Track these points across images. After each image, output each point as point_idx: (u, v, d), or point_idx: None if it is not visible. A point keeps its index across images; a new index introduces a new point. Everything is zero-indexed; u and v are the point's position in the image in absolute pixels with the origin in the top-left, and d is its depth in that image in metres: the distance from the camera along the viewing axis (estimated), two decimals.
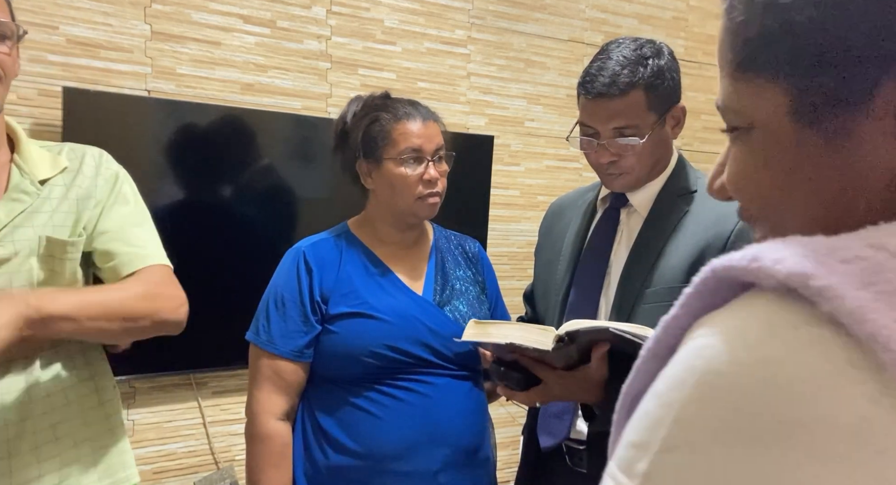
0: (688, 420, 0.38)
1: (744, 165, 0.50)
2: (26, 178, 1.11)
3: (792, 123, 0.46)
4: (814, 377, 0.36)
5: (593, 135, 1.25)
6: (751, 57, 0.47)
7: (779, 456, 0.35)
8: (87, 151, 1.22)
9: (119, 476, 1.20)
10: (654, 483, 0.39)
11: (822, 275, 0.37)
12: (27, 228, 1.08)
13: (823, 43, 0.43)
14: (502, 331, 1.15)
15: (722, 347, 0.39)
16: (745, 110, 0.48)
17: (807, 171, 0.47)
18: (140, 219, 1.22)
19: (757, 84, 0.47)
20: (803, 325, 0.37)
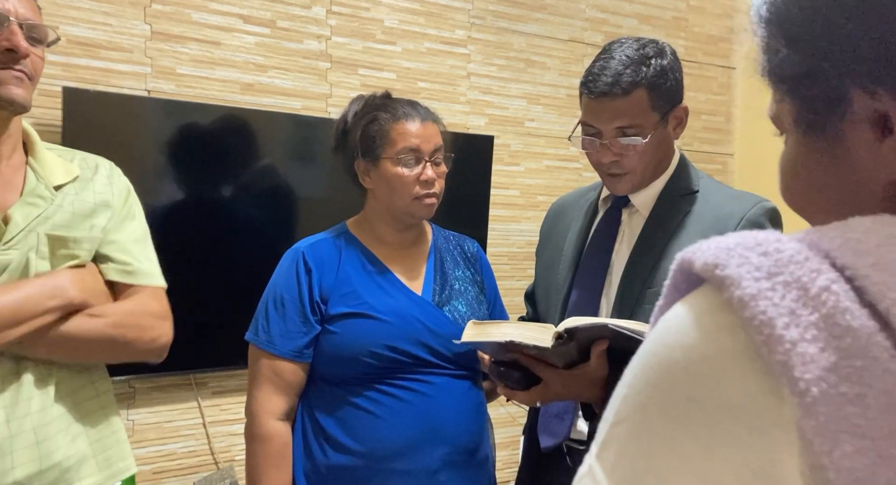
0: (630, 396, 0.44)
1: (782, 168, 0.54)
2: (41, 182, 1.12)
3: (799, 131, 0.51)
4: (716, 359, 0.41)
5: (595, 134, 1.24)
6: (766, 69, 0.52)
7: (684, 430, 0.40)
8: (99, 162, 1.24)
9: (118, 467, 1.20)
10: (604, 451, 0.45)
11: (727, 265, 0.41)
12: (39, 232, 1.10)
13: (806, 55, 0.48)
14: (501, 330, 1.14)
15: (663, 332, 0.44)
16: (777, 118, 0.53)
17: (817, 176, 0.51)
18: (143, 235, 1.25)
19: (777, 94, 0.52)
20: (718, 311, 0.42)
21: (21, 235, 1.08)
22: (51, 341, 1.08)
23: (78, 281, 1.11)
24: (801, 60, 0.48)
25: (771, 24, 0.50)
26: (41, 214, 1.11)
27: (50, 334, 1.07)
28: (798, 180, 0.52)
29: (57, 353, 1.10)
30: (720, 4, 3.18)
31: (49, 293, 1.06)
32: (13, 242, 1.07)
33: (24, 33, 1.04)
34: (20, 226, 1.08)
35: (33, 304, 1.05)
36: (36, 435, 1.07)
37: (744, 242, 0.43)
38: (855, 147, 0.47)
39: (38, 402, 1.09)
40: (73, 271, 1.12)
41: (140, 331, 1.17)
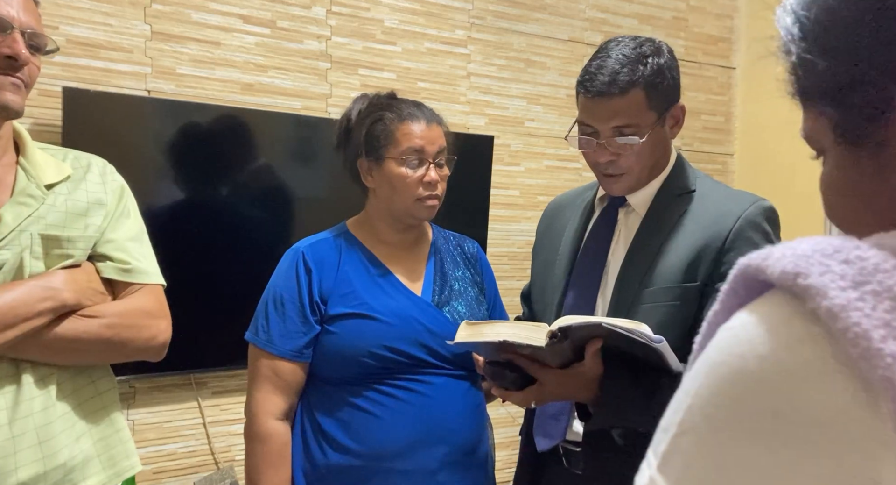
0: (698, 407, 0.42)
1: (825, 187, 0.53)
2: (32, 182, 1.12)
3: (840, 145, 0.50)
4: (799, 371, 0.39)
5: (592, 134, 1.24)
6: (799, 89, 0.51)
7: (763, 444, 0.38)
8: (92, 161, 1.24)
9: (122, 465, 1.20)
10: (668, 462, 0.43)
11: (810, 274, 0.40)
12: (31, 232, 1.10)
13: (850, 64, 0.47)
14: (495, 329, 1.14)
15: (731, 341, 0.42)
16: (814, 138, 0.52)
17: (863, 188, 0.50)
18: (139, 234, 1.25)
19: (811, 113, 0.51)
20: (797, 321, 0.40)
21: (13, 235, 1.07)
22: (45, 344, 1.07)
23: (71, 282, 1.10)
24: (846, 70, 0.47)
25: (807, 40, 0.49)
26: (33, 213, 1.10)
27: (43, 337, 1.07)
28: (844, 196, 0.51)
29: (51, 355, 1.10)
30: (720, 4, 3.18)
31: (41, 295, 1.06)
32: (5, 243, 1.07)
33: (26, 41, 1.05)
34: (11, 226, 1.07)
35: (25, 306, 1.04)
36: (39, 435, 1.07)
37: (821, 249, 0.41)
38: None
39: (41, 402, 1.08)
40: (67, 272, 1.11)
41: (136, 330, 1.16)
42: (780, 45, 0.52)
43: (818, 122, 0.51)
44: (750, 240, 1.18)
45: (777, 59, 0.52)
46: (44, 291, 1.07)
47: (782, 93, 0.54)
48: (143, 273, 1.21)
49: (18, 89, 1.06)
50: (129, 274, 1.19)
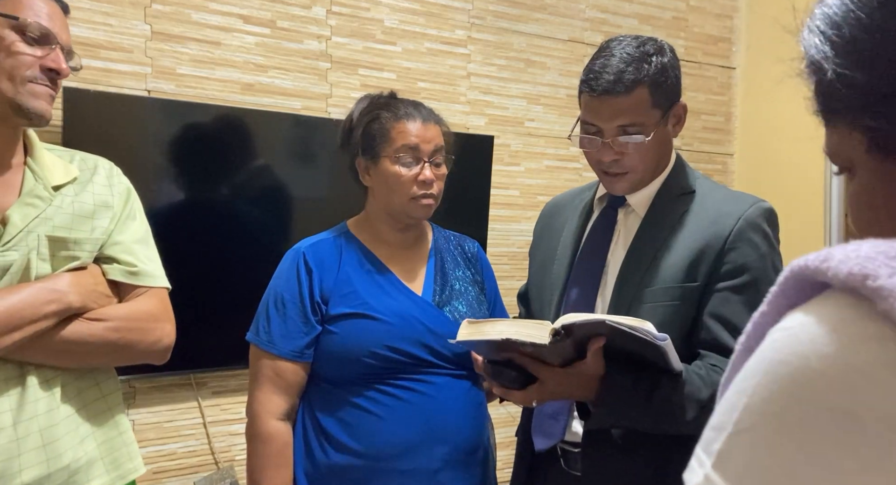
0: (756, 405, 0.42)
1: (856, 203, 0.53)
2: (40, 183, 1.13)
3: (877, 159, 0.50)
4: (867, 370, 0.39)
5: (596, 133, 1.24)
6: (830, 106, 0.52)
7: (829, 443, 0.38)
8: (98, 163, 1.25)
9: (126, 468, 1.20)
10: (725, 461, 0.42)
11: (879, 276, 0.40)
12: (38, 233, 1.10)
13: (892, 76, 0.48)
14: (497, 328, 1.13)
15: (790, 340, 0.43)
16: (842, 154, 0.53)
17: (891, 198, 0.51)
18: (145, 236, 1.26)
19: (840, 129, 0.52)
20: (862, 321, 0.40)
21: (20, 236, 1.08)
22: (50, 347, 1.08)
23: (77, 285, 1.11)
24: (889, 80, 0.48)
25: (841, 55, 0.50)
26: (40, 214, 1.11)
27: (49, 340, 1.07)
28: (877, 211, 0.51)
29: (56, 358, 1.10)
30: (720, 4, 3.18)
31: (47, 298, 1.07)
32: (12, 243, 1.08)
33: (64, 57, 1.12)
34: (19, 227, 1.08)
35: (31, 308, 1.05)
36: (43, 438, 1.07)
37: (884, 252, 0.41)
38: None
39: (45, 404, 1.08)
40: (72, 275, 1.12)
41: (141, 334, 1.17)
42: (808, 64, 0.53)
43: (850, 137, 0.51)
44: (750, 241, 1.18)
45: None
46: (49, 293, 1.07)
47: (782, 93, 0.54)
48: (150, 276, 1.21)
49: (51, 100, 1.12)
50: (136, 277, 1.19)
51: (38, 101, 1.09)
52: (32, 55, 1.08)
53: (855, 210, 0.54)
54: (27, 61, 1.07)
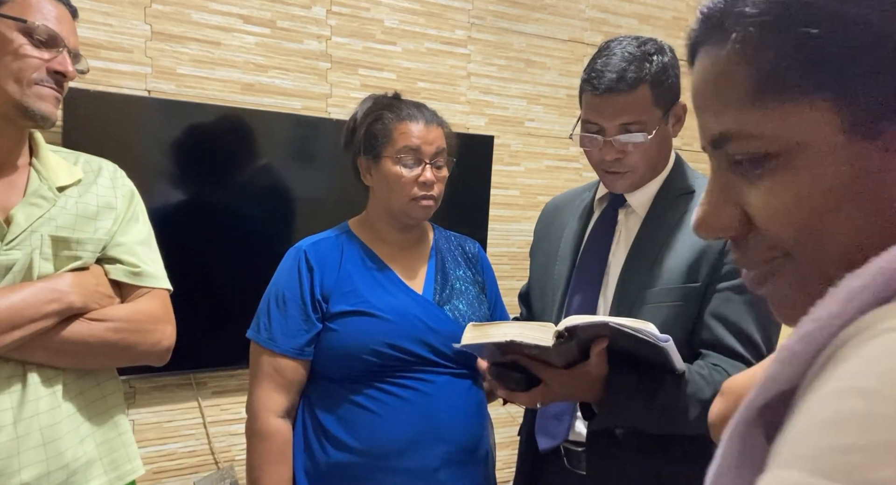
0: (877, 416, 0.33)
1: (786, 194, 0.44)
2: (45, 183, 1.14)
3: (846, 140, 0.43)
4: None
5: (597, 132, 1.24)
6: (775, 80, 0.44)
7: None
8: (103, 165, 1.26)
9: (125, 469, 1.20)
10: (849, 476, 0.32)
11: None
12: (42, 233, 1.10)
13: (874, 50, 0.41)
14: (501, 330, 1.14)
15: None
16: (779, 135, 0.44)
17: (864, 187, 0.43)
18: (147, 238, 1.26)
19: (786, 107, 0.44)
20: None
21: (24, 236, 1.09)
22: (50, 346, 1.08)
23: (78, 285, 1.11)
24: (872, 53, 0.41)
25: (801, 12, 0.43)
26: (44, 214, 1.11)
27: (49, 339, 1.07)
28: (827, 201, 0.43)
29: (57, 358, 1.10)
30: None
31: (48, 297, 1.07)
32: (15, 243, 1.08)
33: (71, 60, 1.13)
34: (22, 226, 1.09)
35: (32, 308, 1.05)
36: (44, 436, 1.07)
37: None
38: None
39: (47, 402, 1.09)
40: (74, 275, 1.12)
41: (141, 335, 1.17)
42: (737, 38, 0.45)
43: (794, 115, 0.43)
44: None
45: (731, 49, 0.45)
46: (51, 293, 1.07)
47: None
48: (152, 277, 1.22)
49: (58, 102, 1.13)
50: (138, 277, 1.20)
51: (44, 104, 1.10)
52: (39, 58, 1.09)
53: (793, 207, 0.44)
54: (34, 64, 1.08)
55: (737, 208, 0.47)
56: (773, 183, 0.45)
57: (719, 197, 0.48)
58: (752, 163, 0.45)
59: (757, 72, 0.44)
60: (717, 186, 0.48)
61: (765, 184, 0.45)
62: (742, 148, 0.45)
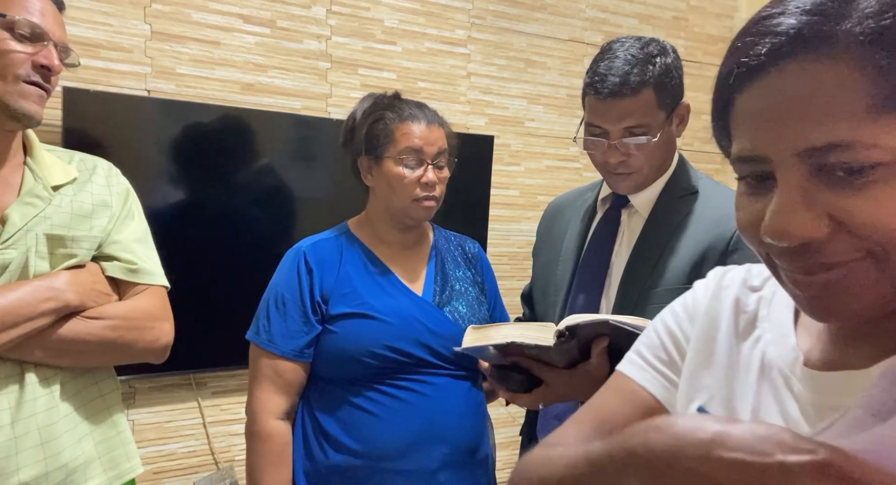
0: None
1: (892, 202, 0.46)
2: (39, 182, 1.13)
3: None
4: None
5: (601, 135, 1.24)
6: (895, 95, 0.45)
7: None
8: (98, 163, 1.25)
9: (123, 468, 1.20)
10: None
11: None
12: (37, 232, 1.10)
13: None
14: (502, 332, 1.14)
15: None
16: (892, 146, 0.46)
17: None
18: (143, 235, 1.26)
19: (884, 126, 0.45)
20: None
21: (19, 235, 1.08)
22: (47, 345, 1.07)
23: (75, 283, 1.11)
24: None
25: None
26: (39, 213, 1.11)
27: (46, 338, 1.07)
28: None
29: (54, 357, 1.09)
30: (720, 4, 3.18)
31: (44, 296, 1.06)
32: (11, 242, 1.08)
33: (57, 54, 1.10)
34: (18, 225, 1.08)
35: (28, 306, 1.04)
36: (41, 436, 1.07)
37: None
38: None
39: (44, 402, 1.08)
40: (71, 273, 1.12)
41: (139, 333, 1.16)
42: (886, 38, 0.46)
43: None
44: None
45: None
46: (47, 291, 1.07)
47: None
48: (149, 274, 1.21)
49: (42, 100, 1.10)
50: (135, 274, 1.19)
51: (27, 102, 1.07)
52: (23, 52, 1.06)
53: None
54: (18, 59, 1.05)
55: (822, 214, 0.48)
56: (879, 190, 0.46)
57: (801, 204, 0.49)
58: (857, 171, 0.46)
59: (877, 86, 0.45)
60: (797, 193, 0.49)
61: (870, 191, 0.46)
62: (853, 157, 0.46)
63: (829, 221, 0.48)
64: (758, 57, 0.49)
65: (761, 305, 0.65)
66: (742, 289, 0.68)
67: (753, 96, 0.50)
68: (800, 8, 0.48)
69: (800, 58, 0.47)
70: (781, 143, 0.49)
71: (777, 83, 0.48)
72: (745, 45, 0.50)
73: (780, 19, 0.48)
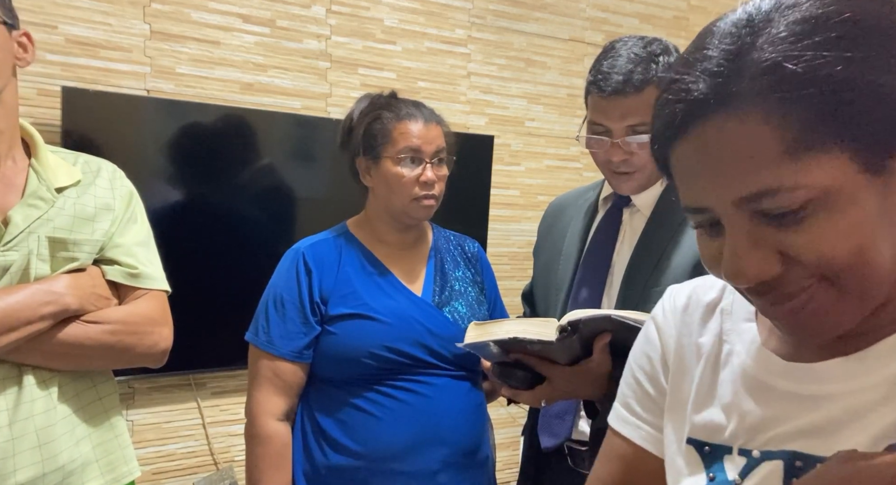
0: None
1: (831, 231, 0.49)
2: (43, 184, 1.12)
3: (863, 178, 0.49)
4: None
5: (604, 133, 1.24)
6: (810, 136, 0.48)
7: None
8: (102, 166, 1.24)
9: (121, 471, 1.20)
10: None
11: None
12: (39, 235, 1.10)
13: (879, 103, 0.47)
14: (504, 328, 1.13)
15: None
16: (815, 183, 0.48)
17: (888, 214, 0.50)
18: (146, 239, 1.25)
19: (815, 157, 0.48)
20: None
21: (21, 237, 1.08)
22: (46, 349, 1.07)
23: (74, 286, 1.10)
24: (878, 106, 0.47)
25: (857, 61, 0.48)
26: (42, 216, 1.10)
27: (45, 342, 1.06)
28: (864, 231, 0.49)
29: (53, 360, 1.09)
30: (721, 4, 3.18)
31: (44, 299, 1.06)
32: (13, 244, 1.07)
33: None
34: (20, 227, 1.08)
35: (28, 309, 1.04)
36: (39, 438, 1.07)
37: None
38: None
39: (42, 404, 1.08)
40: (71, 276, 1.11)
41: (138, 337, 1.16)
42: (781, 95, 0.48)
43: (822, 164, 0.48)
44: None
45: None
46: (47, 295, 1.06)
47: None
48: (150, 278, 1.21)
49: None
50: (136, 279, 1.19)
51: None
52: None
53: (840, 240, 0.49)
54: None
55: (773, 253, 0.51)
56: (816, 224, 0.49)
57: (749, 247, 0.52)
58: (791, 211, 0.49)
59: (784, 132, 0.48)
60: (743, 237, 0.52)
61: (808, 226, 0.49)
62: (784, 200, 0.49)
63: (780, 258, 0.51)
64: (675, 121, 0.52)
65: (724, 319, 0.67)
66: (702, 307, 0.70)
67: (681, 156, 0.53)
68: (704, 71, 0.51)
69: (712, 118, 0.50)
70: (714, 195, 0.52)
71: (698, 143, 0.51)
72: (666, 106, 0.53)
73: (689, 84, 0.51)
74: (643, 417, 0.73)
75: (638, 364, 0.75)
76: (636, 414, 0.74)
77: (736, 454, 0.60)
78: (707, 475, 0.61)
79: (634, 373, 0.75)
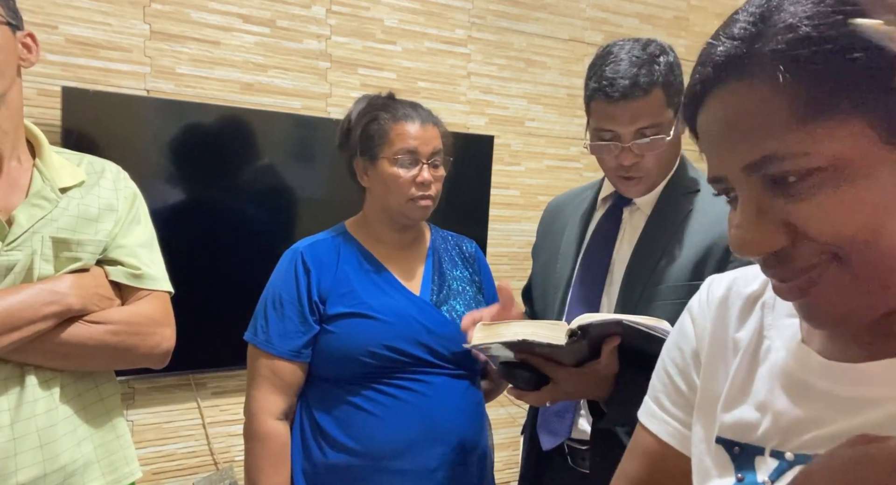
0: None
1: (840, 203, 0.47)
2: (47, 184, 1.13)
3: (883, 152, 0.47)
4: None
5: (612, 138, 1.23)
6: (816, 104, 0.46)
7: None
8: (106, 167, 1.24)
9: (122, 471, 1.20)
10: None
11: None
12: (43, 235, 1.10)
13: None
14: (512, 329, 1.12)
15: None
16: (825, 151, 0.47)
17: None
18: (149, 240, 1.25)
19: (829, 125, 0.46)
20: None
21: (25, 237, 1.08)
22: (49, 349, 1.07)
23: (77, 287, 1.10)
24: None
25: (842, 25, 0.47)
26: (45, 216, 1.11)
27: (48, 342, 1.07)
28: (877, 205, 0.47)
29: (55, 360, 1.09)
30: (721, 4, 3.18)
31: (47, 299, 1.06)
32: (16, 244, 1.07)
33: None
34: (24, 227, 1.08)
35: (30, 309, 1.04)
36: (41, 438, 1.07)
37: None
38: None
39: (44, 404, 1.08)
40: (74, 277, 1.11)
41: (140, 338, 1.16)
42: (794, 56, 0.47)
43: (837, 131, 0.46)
44: None
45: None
46: (49, 295, 1.06)
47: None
48: (152, 279, 1.21)
49: None
50: (138, 279, 1.19)
51: None
52: None
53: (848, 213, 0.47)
54: None
55: (780, 224, 0.50)
56: (823, 195, 0.48)
57: (757, 217, 0.51)
58: (799, 179, 0.48)
59: (795, 98, 0.47)
60: (751, 207, 0.51)
61: (815, 197, 0.48)
62: (790, 166, 0.48)
63: (787, 230, 0.50)
64: (696, 87, 0.53)
65: (765, 313, 0.64)
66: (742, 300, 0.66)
67: (702, 124, 0.53)
68: (729, 34, 0.51)
69: (727, 83, 0.50)
70: (727, 162, 0.51)
71: (713, 109, 0.51)
72: (693, 73, 0.53)
73: (715, 47, 0.51)
74: (672, 412, 0.71)
75: (670, 357, 0.72)
76: (665, 409, 0.71)
77: (768, 456, 0.57)
78: (736, 476, 0.59)
79: (666, 366, 0.73)
